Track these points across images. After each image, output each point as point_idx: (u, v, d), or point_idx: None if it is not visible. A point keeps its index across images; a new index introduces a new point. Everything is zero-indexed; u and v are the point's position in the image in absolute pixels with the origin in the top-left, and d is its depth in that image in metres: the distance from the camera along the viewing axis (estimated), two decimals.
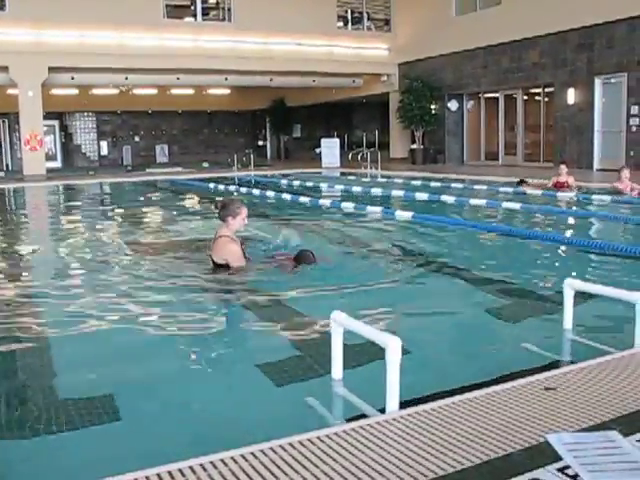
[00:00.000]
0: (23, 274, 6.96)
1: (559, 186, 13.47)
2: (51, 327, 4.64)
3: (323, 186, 17.33)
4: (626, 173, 12.46)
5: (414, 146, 24.88)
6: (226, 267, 5.84)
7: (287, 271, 5.86)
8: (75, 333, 4.48)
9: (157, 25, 22.48)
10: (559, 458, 2.33)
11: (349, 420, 2.85)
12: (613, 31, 18.03)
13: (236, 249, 5.88)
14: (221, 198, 6.53)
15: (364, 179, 19.44)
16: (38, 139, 21.82)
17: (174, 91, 30.72)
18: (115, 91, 28.77)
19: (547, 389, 2.99)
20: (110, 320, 4.77)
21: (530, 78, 21.06)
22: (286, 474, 2.23)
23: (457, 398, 2.88)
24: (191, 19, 24.46)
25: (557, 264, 6.74)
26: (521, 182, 14.29)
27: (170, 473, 2.25)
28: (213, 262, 5.95)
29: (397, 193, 14.51)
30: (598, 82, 18.85)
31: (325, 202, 12.89)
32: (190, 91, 31.19)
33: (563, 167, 13.74)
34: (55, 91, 26.25)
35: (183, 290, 5.61)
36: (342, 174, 22.25)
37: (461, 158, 24.85)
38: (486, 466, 2.27)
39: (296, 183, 18.06)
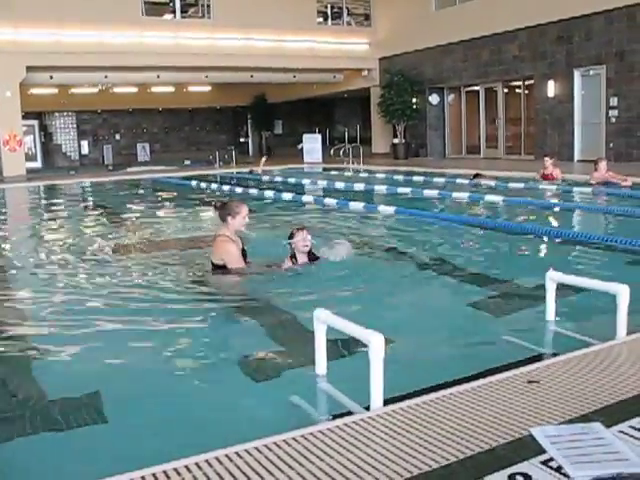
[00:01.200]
0: (2, 276, 6.89)
1: (545, 178, 13.88)
2: (32, 327, 4.61)
3: (306, 182, 17.32)
4: (603, 164, 12.68)
5: (396, 140, 24.90)
6: (224, 268, 5.67)
7: (283, 268, 5.74)
8: (55, 332, 4.46)
9: (136, 22, 22.32)
10: (543, 451, 2.34)
11: (334, 417, 2.85)
12: (591, 24, 18.13)
13: (233, 250, 5.67)
14: (221, 199, 6.38)
15: (346, 174, 19.46)
16: (17, 139, 21.60)
17: (154, 89, 30.52)
18: (95, 90, 28.55)
19: (530, 382, 3.01)
20: (92, 320, 4.73)
21: (510, 71, 21.14)
22: (271, 474, 2.23)
23: (441, 393, 2.89)
24: (170, 16, 24.33)
25: (540, 256, 6.78)
26: (476, 175, 14.89)
27: (154, 475, 2.24)
28: (212, 263, 5.77)
29: (379, 188, 14.53)
30: (577, 74, 18.96)
31: (308, 198, 12.88)
32: (171, 89, 31.01)
33: (547, 159, 14.15)
34: (34, 90, 26.01)
35: (167, 290, 5.59)
36: (324, 170, 22.25)
37: (443, 152, 24.92)
38: (470, 461, 2.28)
39: (279, 179, 18.02)
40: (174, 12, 24.11)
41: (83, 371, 3.75)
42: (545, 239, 7.62)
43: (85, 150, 33.08)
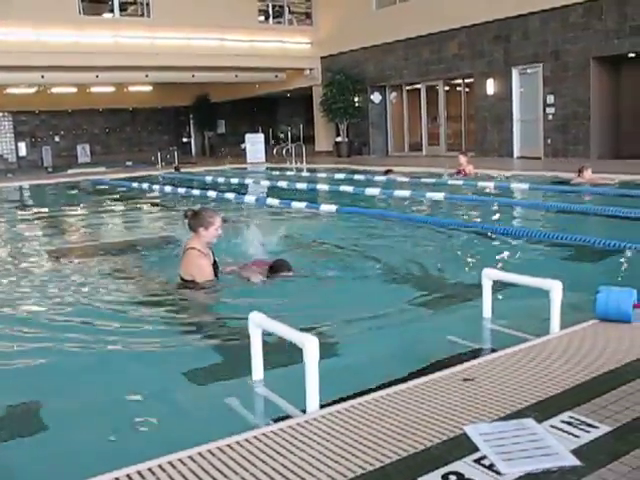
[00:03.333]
0: None
1: (459, 174, 14.95)
2: None
3: (248, 182, 17.25)
4: (588, 172, 12.66)
5: (339, 139, 25.00)
6: (192, 282, 5.26)
7: (256, 281, 5.37)
8: None
9: (73, 21, 21.83)
10: (476, 449, 2.36)
11: (270, 422, 2.83)
12: (528, 24, 18.50)
13: (205, 265, 5.27)
14: (193, 207, 5.72)
15: (289, 173, 19.47)
16: None
17: (94, 89, 29.95)
18: (32, 90, 27.88)
19: (466, 380, 3.04)
20: (29, 328, 4.62)
21: (450, 69, 21.42)
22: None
23: (378, 394, 2.89)
24: (109, 15, 23.89)
25: (476, 254, 6.85)
26: (388, 171, 16.10)
27: None
28: (180, 277, 5.36)
29: (321, 187, 14.57)
30: (515, 72, 19.32)
31: (250, 198, 12.81)
32: (111, 89, 30.47)
33: (462, 157, 15.46)
34: None
35: (104, 295, 5.48)
36: (267, 169, 22.20)
37: (385, 150, 25.11)
38: (405, 462, 2.29)
39: (221, 180, 17.90)
40: (112, 11, 23.69)
41: (20, 383, 3.64)
42: (481, 236, 7.72)
43: (23, 152, 32.21)
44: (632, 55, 16.48)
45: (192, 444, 2.47)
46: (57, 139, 33.59)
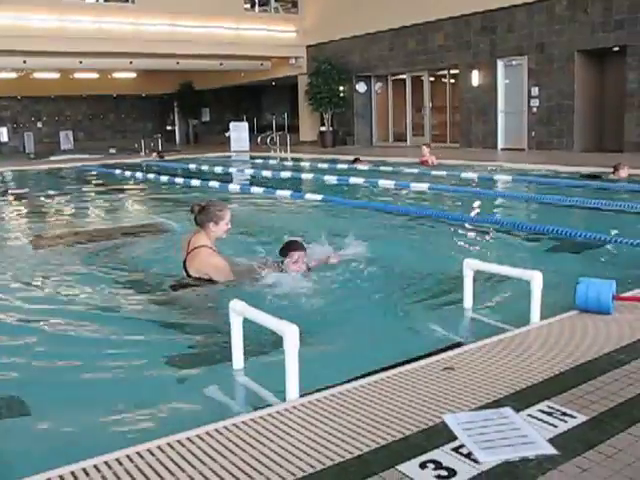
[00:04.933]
0: None
1: (423, 164, 15.51)
2: None
3: (232, 170, 17.20)
4: (425, 149, 15.72)
5: (323, 128, 24.95)
6: (208, 281, 4.84)
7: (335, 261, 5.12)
8: None
9: (57, 5, 21.58)
10: (455, 438, 2.38)
11: (250, 410, 2.83)
12: (513, 16, 18.54)
13: (222, 264, 4.84)
14: (201, 201, 5.11)
15: (273, 162, 19.42)
16: None
17: (77, 75, 29.68)
18: (13, 75, 27.58)
19: (446, 369, 3.05)
20: (11, 317, 4.58)
21: (436, 60, 21.42)
22: (183, 470, 2.20)
23: (357, 383, 2.90)
24: (92, 0, 23.64)
25: (458, 244, 6.87)
26: (355, 160, 16.38)
27: (73, 473, 2.19)
28: (187, 273, 4.91)
29: (306, 176, 14.55)
30: (500, 64, 19.36)
31: (234, 187, 12.77)
32: (94, 75, 30.23)
33: (424, 148, 16.31)
34: None
35: (90, 283, 5.43)
36: (251, 158, 22.13)
37: (370, 140, 25.11)
38: (384, 450, 2.30)
39: (205, 168, 17.83)
40: None
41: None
42: (464, 227, 7.75)
43: (4, 138, 31.89)
44: (616, 49, 16.55)
45: (167, 433, 2.47)
46: (39, 125, 33.34)
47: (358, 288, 4.88)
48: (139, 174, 16.54)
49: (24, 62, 22.94)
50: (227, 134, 26.12)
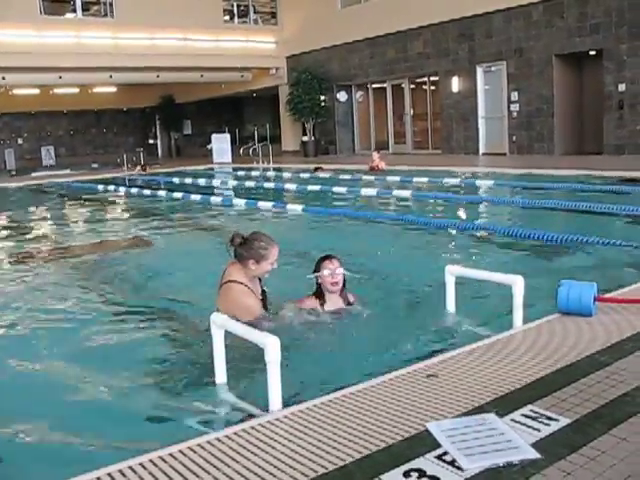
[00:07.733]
0: None
1: (372, 170, 15.96)
2: None
3: (215, 183, 17.17)
4: (375, 155, 16.61)
5: (305, 138, 24.98)
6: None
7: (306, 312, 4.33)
8: None
9: (34, 21, 21.48)
10: (438, 445, 2.37)
11: (234, 423, 2.81)
12: (491, 22, 18.67)
13: (254, 306, 4.15)
14: (243, 232, 4.32)
15: (255, 174, 19.41)
16: None
17: (58, 90, 29.52)
18: None
19: (429, 376, 3.05)
20: None
21: (415, 68, 21.52)
22: None
23: (340, 393, 2.88)
24: (71, 15, 23.56)
25: (439, 250, 6.89)
26: (316, 169, 17.01)
27: None
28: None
29: (288, 186, 14.55)
30: (480, 70, 19.48)
31: (216, 199, 12.74)
32: (75, 90, 30.09)
33: (374, 154, 17.03)
34: None
35: (72, 298, 5.41)
36: (234, 169, 22.10)
37: (352, 148, 25.16)
38: (367, 460, 2.28)
39: (188, 181, 17.79)
40: (75, 11, 23.36)
41: None
42: (448, 233, 7.77)
43: None
44: (593, 53, 16.70)
45: (148, 449, 2.44)
46: (20, 141, 33.14)
47: None
48: (122, 188, 16.46)
49: (3, 78, 22.81)
50: (209, 146, 26.08)
